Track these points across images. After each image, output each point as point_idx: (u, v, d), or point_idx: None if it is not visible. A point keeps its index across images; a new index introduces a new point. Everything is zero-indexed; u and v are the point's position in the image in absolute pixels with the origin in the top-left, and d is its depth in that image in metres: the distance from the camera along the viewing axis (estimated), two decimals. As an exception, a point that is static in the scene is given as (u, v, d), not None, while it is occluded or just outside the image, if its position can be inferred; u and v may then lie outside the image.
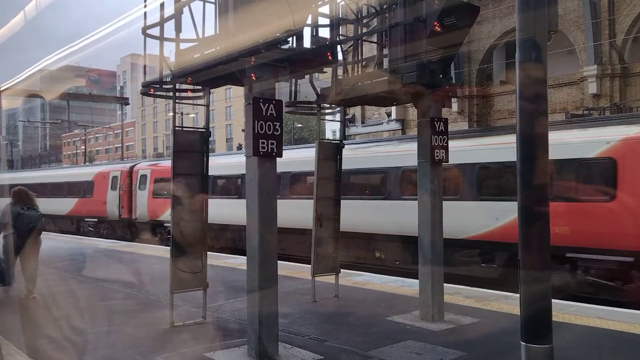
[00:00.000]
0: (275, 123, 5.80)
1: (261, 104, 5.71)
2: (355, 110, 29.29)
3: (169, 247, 7.18)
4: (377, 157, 13.98)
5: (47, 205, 23.21)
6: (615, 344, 6.34)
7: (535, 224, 3.55)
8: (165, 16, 7.03)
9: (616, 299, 9.16)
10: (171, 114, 7.44)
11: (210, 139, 7.77)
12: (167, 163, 18.05)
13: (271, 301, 5.84)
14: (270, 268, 5.84)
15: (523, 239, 3.58)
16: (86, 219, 24.53)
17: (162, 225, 19.42)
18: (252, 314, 5.81)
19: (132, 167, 22.63)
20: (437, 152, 7.50)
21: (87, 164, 45.42)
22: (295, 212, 14.04)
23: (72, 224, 25.18)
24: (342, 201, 9.25)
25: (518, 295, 3.74)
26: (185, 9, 6.86)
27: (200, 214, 7.24)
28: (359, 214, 13.18)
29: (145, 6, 7.59)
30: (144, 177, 21.36)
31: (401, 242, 12.64)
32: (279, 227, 6.06)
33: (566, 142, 10.22)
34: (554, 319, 3.73)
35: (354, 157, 13.71)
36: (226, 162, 18.47)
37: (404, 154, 12.62)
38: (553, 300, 3.72)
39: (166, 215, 17.19)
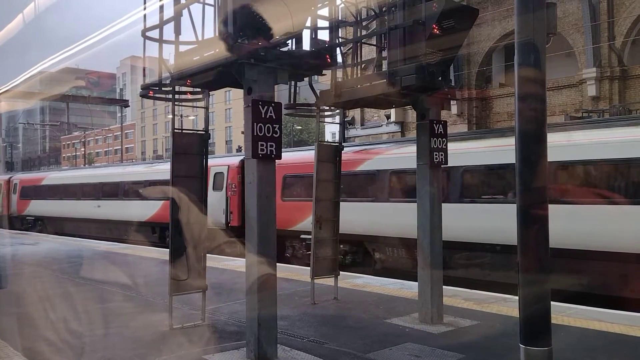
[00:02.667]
0: (274, 125, 5.80)
1: (260, 106, 5.71)
2: (355, 113, 29.31)
3: (168, 250, 7.17)
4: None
5: (118, 209, 21.63)
6: (614, 347, 6.34)
7: (534, 227, 3.55)
8: (165, 18, 7.04)
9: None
10: (171, 116, 7.44)
11: (210, 141, 7.77)
12: (298, 155, 15.98)
13: (270, 303, 5.83)
14: (269, 270, 5.83)
15: (521, 241, 3.58)
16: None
17: (299, 237, 14.83)
18: (251, 316, 5.80)
19: (243, 161, 19.35)
20: (436, 155, 7.51)
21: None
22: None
23: (153, 233, 20.45)
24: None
25: (517, 297, 3.74)
26: (185, 12, 6.87)
27: (199, 215, 7.23)
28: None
29: (144, 8, 7.60)
30: None
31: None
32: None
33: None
34: (552, 321, 3.73)
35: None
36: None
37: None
38: (552, 303, 3.72)
39: (303, 224, 14.14)
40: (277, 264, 6.15)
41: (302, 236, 14.30)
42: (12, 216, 30.40)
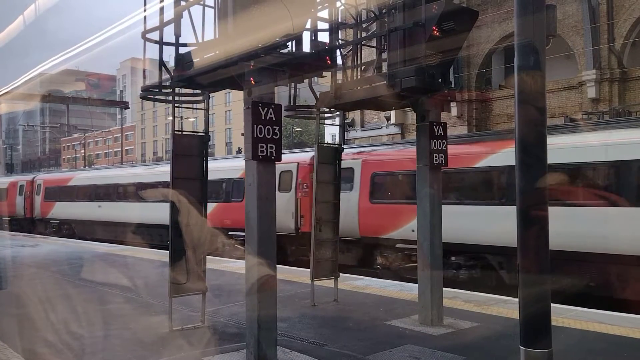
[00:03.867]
0: (274, 127, 5.81)
1: (260, 108, 5.72)
2: (355, 115, 29.33)
3: (168, 251, 7.17)
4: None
5: (163, 213, 17.65)
6: (615, 349, 6.33)
7: (533, 228, 3.55)
8: (165, 20, 7.05)
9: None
10: (171, 118, 7.45)
11: (210, 143, 7.78)
12: (392, 150, 13.81)
13: (270, 305, 5.83)
14: (269, 272, 5.83)
15: (521, 242, 3.58)
16: (229, 232, 16.39)
17: (393, 247, 12.53)
18: (250, 318, 5.80)
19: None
20: (435, 157, 7.52)
21: (236, 154, 29.73)
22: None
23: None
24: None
25: (517, 299, 3.73)
26: (185, 13, 6.88)
27: (199, 217, 7.23)
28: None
29: (145, 10, 7.61)
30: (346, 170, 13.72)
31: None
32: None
33: None
34: (553, 323, 3.72)
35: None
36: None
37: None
38: (552, 305, 3.72)
39: (400, 232, 12.25)
40: (277, 265, 6.15)
41: (398, 245, 12.30)
42: (35, 219, 28.34)
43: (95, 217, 23.21)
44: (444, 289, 7.69)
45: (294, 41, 6.22)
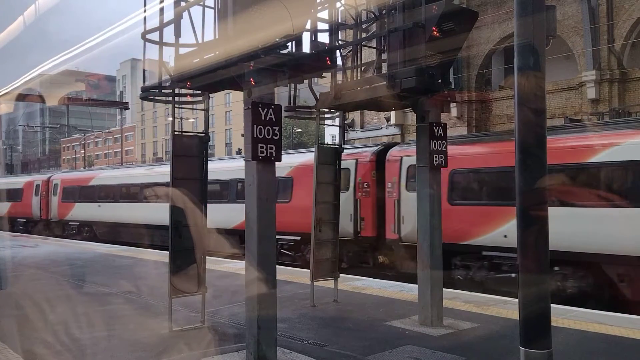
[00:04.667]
0: (274, 128, 5.81)
1: (260, 108, 5.72)
2: (355, 115, 29.33)
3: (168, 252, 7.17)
4: None
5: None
6: (615, 350, 6.33)
7: (533, 228, 3.55)
8: (165, 21, 7.05)
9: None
10: (170, 118, 7.45)
11: (210, 143, 7.78)
12: (475, 147, 12.17)
13: (270, 306, 5.83)
14: (269, 272, 5.83)
15: (521, 242, 3.58)
16: (278, 240, 14.26)
17: (478, 254, 11.25)
18: (250, 318, 5.80)
19: (380, 152, 13.84)
20: (435, 157, 7.52)
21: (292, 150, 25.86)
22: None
23: (242, 242, 16.31)
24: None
25: (517, 300, 3.73)
26: (185, 14, 6.88)
27: (199, 218, 7.24)
28: None
29: (145, 11, 7.61)
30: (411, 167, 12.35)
31: None
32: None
33: None
34: (552, 324, 3.72)
35: None
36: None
37: None
38: (552, 305, 3.72)
39: (486, 237, 10.89)
40: (277, 266, 6.15)
41: (485, 253, 10.87)
42: (51, 221, 26.45)
43: (119, 218, 21.48)
44: (443, 289, 7.69)
45: (293, 42, 6.23)
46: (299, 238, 14.32)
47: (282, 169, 14.71)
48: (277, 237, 13.96)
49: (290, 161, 15.21)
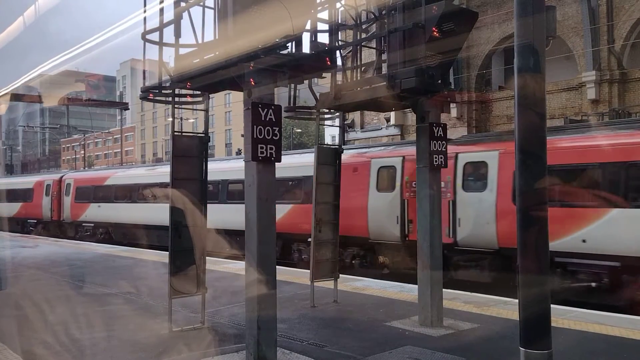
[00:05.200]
0: (274, 128, 5.81)
1: (260, 109, 5.72)
2: (355, 116, 29.34)
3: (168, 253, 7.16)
4: None
5: (229, 215, 15.11)
6: (615, 350, 6.33)
7: (533, 228, 3.55)
8: (165, 21, 7.05)
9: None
10: (170, 119, 7.45)
11: (210, 144, 7.78)
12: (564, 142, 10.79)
13: (270, 306, 5.82)
14: (269, 273, 5.83)
15: (521, 243, 3.58)
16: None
17: (551, 261, 9.69)
18: (250, 319, 5.79)
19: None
20: (435, 157, 7.52)
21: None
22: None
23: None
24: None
25: (517, 300, 3.73)
26: (185, 14, 6.88)
27: (199, 218, 7.23)
28: None
29: (145, 11, 7.61)
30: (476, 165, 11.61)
31: None
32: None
33: None
34: (552, 324, 3.72)
35: None
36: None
37: None
38: (552, 306, 3.72)
39: (564, 242, 9.80)
40: (277, 266, 6.15)
41: (559, 259, 9.86)
42: (64, 222, 25.39)
43: (138, 220, 19.93)
44: (443, 290, 7.69)
45: (293, 42, 6.22)
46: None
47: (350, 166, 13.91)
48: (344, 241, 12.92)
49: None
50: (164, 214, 19.38)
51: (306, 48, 6.62)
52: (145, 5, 7.58)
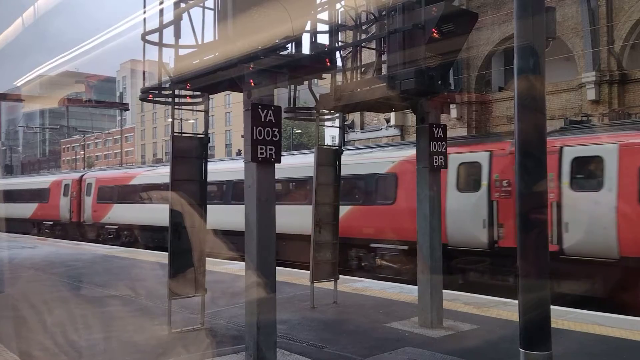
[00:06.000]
0: (274, 129, 5.81)
1: (260, 109, 5.71)
2: (355, 116, 29.32)
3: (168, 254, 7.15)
4: None
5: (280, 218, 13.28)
6: (614, 351, 6.32)
7: (533, 231, 3.54)
8: (165, 22, 7.04)
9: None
10: (170, 119, 7.44)
11: (210, 144, 7.78)
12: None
13: (269, 307, 5.82)
14: (268, 274, 5.82)
15: (521, 246, 3.57)
16: (372, 245, 12.86)
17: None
18: (250, 320, 5.78)
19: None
20: (435, 158, 7.52)
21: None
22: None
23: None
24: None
25: (517, 301, 3.72)
26: (185, 15, 6.87)
27: (199, 219, 7.22)
28: None
29: (144, 12, 7.60)
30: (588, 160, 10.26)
31: None
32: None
33: None
34: (552, 325, 3.71)
35: None
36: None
37: None
38: (552, 307, 3.71)
39: None
40: (277, 267, 6.14)
41: None
42: (84, 224, 24.05)
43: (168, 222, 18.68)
44: (443, 291, 7.68)
45: (293, 43, 6.22)
46: (405, 247, 11.70)
47: (384, 164, 13.01)
48: (378, 245, 12.43)
49: (393, 155, 13.07)
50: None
51: (306, 49, 6.63)
52: (145, 6, 7.59)
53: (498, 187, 10.81)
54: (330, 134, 43.75)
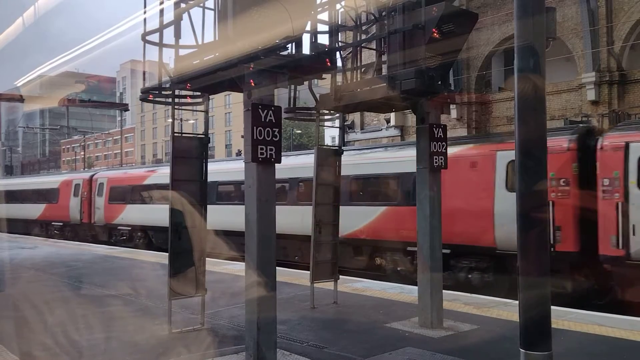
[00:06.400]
0: (274, 129, 5.81)
1: (260, 110, 5.72)
2: (355, 117, 29.32)
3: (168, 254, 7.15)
4: None
5: (300, 219, 13.28)
6: (615, 351, 6.32)
7: (533, 230, 3.54)
8: (165, 22, 7.05)
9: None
10: (170, 120, 7.44)
11: (210, 145, 7.78)
12: None
13: (270, 308, 5.82)
14: (269, 274, 5.82)
15: (521, 245, 3.57)
16: (409, 248, 11.79)
17: None
18: (250, 320, 5.78)
19: (582, 137, 10.67)
20: (435, 159, 7.52)
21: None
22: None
23: (357, 254, 13.44)
24: None
25: (517, 301, 3.73)
26: (185, 15, 6.88)
27: (199, 219, 7.23)
28: None
29: (145, 12, 7.61)
30: None
31: None
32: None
33: None
34: (553, 325, 3.72)
35: None
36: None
37: None
38: (552, 307, 3.71)
39: None
40: (277, 267, 6.14)
41: None
42: (95, 225, 23.26)
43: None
44: (444, 291, 7.68)
45: (293, 43, 6.22)
46: (448, 251, 10.75)
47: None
48: (415, 249, 10.76)
49: None
50: (219, 217, 15.73)
51: (306, 49, 6.63)
52: (145, 7, 7.59)
53: (554, 186, 10.05)
54: (330, 135, 43.76)
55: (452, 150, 10.04)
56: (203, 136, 7.41)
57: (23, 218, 28.44)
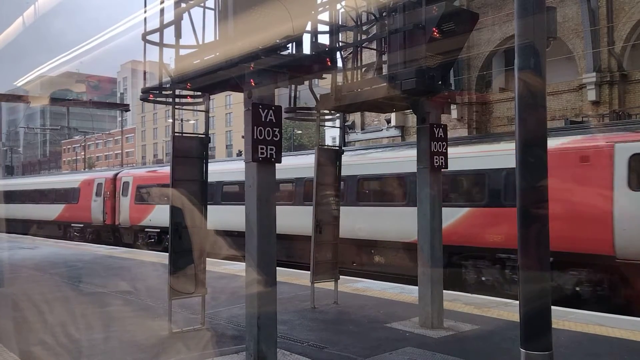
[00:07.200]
0: (274, 129, 5.81)
1: (260, 109, 5.71)
2: (355, 117, 29.34)
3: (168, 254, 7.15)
4: None
5: (377, 222, 12.71)
6: (615, 352, 6.31)
7: (534, 226, 3.54)
8: (165, 22, 7.05)
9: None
10: (171, 120, 7.45)
11: (210, 145, 7.78)
12: None
13: (270, 307, 5.81)
14: (269, 274, 5.82)
15: (522, 241, 3.57)
16: (498, 255, 10.41)
17: None
18: (250, 320, 5.78)
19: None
20: (436, 159, 7.51)
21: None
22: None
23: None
24: None
25: (517, 302, 3.72)
26: (185, 15, 6.88)
27: (200, 219, 7.23)
28: None
29: (145, 12, 7.61)
30: None
31: None
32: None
33: None
34: (553, 325, 3.71)
35: None
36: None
37: None
38: (553, 307, 3.71)
39: None
40: (277, 267, 6.14)
41: None
42: (120, 227, 21.96)
43: (223, 225, 15.26)
44: (444, 291, 7.67)
45: (294, 43, 6.22)
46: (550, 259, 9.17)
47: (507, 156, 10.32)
48: (507, 255, 9.74)
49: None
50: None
51: (307, 49, 6.63)
52: (145, 6, 7.59)
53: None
54: (331, 135, 43.76)
55: (554, 143, 8.94)
56: (204, 136, 7.42)
57: (38, 219, 27.23)
